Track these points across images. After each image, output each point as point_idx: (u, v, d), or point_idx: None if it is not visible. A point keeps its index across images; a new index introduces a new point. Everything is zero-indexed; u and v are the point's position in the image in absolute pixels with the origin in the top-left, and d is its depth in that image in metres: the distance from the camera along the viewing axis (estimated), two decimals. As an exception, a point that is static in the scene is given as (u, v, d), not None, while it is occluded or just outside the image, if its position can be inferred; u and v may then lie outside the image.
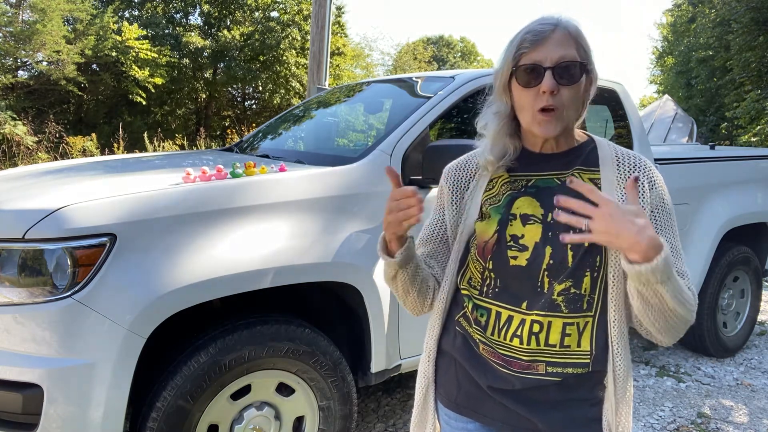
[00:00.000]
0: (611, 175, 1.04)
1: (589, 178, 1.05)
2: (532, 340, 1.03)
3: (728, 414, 2.84)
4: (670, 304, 0.92)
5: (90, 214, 1.60)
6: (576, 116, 1.06)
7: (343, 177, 2.08)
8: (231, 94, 19.00)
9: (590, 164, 1.07)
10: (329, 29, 6.52)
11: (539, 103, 1.01)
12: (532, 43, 1.01)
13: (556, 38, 1.01)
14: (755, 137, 12.60)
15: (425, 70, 25.83)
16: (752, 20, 11.79)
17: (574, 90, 1.01)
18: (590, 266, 1.01)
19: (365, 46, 23.10)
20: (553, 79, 0.99)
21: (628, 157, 1.07)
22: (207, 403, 1.77)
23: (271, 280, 1.80)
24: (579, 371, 1.03)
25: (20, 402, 1.55)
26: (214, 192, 1.81)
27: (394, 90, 3.11)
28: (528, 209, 1.07)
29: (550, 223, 1.04)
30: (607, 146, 1.09)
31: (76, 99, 14.45)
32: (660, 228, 1.03)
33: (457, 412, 1.16)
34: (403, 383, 2.99)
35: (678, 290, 0.92)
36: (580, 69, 1.01)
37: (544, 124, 1.02)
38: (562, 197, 0.88)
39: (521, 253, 1.04)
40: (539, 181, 1.09)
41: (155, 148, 10.01)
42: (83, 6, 12.85)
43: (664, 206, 1.05)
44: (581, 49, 1.03)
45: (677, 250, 1.03)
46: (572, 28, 1.03)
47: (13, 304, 1.57)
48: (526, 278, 1.04)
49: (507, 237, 1.07)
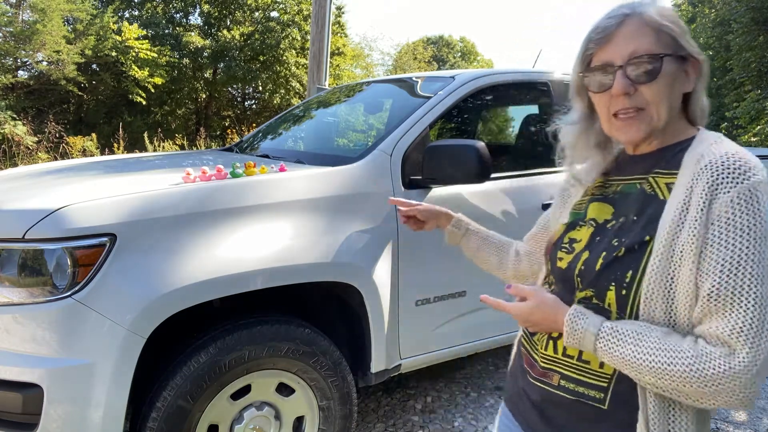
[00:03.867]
0: (685, 179, 0.85)
1: (665, 183, 0.90)
2: (550, 345, 0.98)
3: (728, 414, 2.84)
4: (626, 371, 0.84)
5: (90, 214, 1.60)
6: (671, 111, 0.91)
7: (343, 177, 2.08)
8: (231, 94, 19.00)
9: (672, 166, 0.90)
10: (329, 29, 6.52)
11: (614, 107, 0.91)
12: (598, 42, 0.91)
13: (626, 31, 0.89)
14: (755, 137, 12.61)
15: (425, 70, 25.82)
16: (752, 20, 11.79)
17: (658, 85, 0.88)
18: (617, 280, 0.87)
19: (365, 46, 23.12)
20: (625, 79, 0.88)
21: (713, 156, 0.83)
22: (207, 403, 1.77)
23: (271, 280, 1.80)
24: (595, 395, 0.91)
25: (20, 402, 1.55)
26: (214, 192, 1.81)
27: (394, 90, 3.11)
28: (595, 213, 0.99)
29: (603, 227, 0.95)
30: (701, 143, 0.89)
31: (76, 99, 14.45)
32: (714, 255, 0.79)
33: (506, 405, 1.14)
34: (403, 383, 2.99)
35: (628, 358, 0.81)
36: (661, 61, 0.87)
37: (624, 129, 0.92)
38: (484, 297, 0.99)
39: (567, 255, 0.98)
40: (625, 186, 0.97)
41: (155, 148, 10.01)
42: (83, 6, 12.86)
43: (733, 228, 0.78)
44: (663, 36, 0.89)
45: (732, 294, 0.77)
46: (650, 15, 0.89)
47: (13, 304, 1.57)
48: (565, 281, 0.98)
49: (565, 239, 1.01)
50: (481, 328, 2.45)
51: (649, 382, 0.82)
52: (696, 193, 0.82)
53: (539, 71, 2.89)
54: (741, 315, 0.76)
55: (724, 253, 0.78)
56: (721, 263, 0.78)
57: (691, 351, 0.78)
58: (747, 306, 0.76)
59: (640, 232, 0.87)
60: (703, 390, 0.77)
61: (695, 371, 0.77)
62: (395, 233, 2.09)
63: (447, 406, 2.78)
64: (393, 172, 2.15)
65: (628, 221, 0.91)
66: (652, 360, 0.80)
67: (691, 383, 0.77)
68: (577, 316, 0.88)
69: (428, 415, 2.70)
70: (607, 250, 0.90)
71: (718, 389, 0.76)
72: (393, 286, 2.11)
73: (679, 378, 0.78)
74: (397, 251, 2.10)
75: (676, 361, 0.78)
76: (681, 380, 0.78)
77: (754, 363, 0.74)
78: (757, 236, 0.77)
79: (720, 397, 0.77)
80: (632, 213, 0.91)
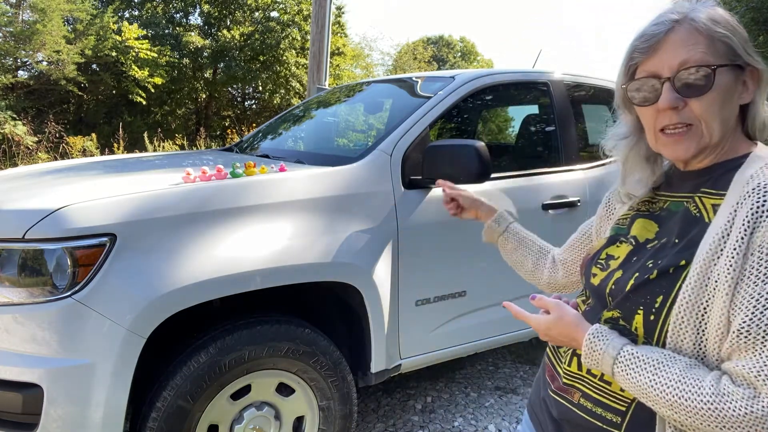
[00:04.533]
0: (731, 202, 0.79)
1: (712, 204, 0.83)
2: (574, 361, 0.95)
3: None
4: (642, 399, 0.80)
5: (90, 214, 1.60)
6: (725, 126, 0.84)
7: (343, 177, 2.08)
8: (231, 94, 18.99)
9: (721, 186, 0.84)
10: (329, 29, 6.52)
11: (661, 122, 0.85)
12: (644, 51, 0.84)
13: (675, 39, 0.82)
14: (755, 137, 12.61)
15: (425, 70, 25.83)
16: (752, 20, 11.78)
17: (710, 99, 0.81)
18: (646, 304, 0.83)
19: (365, 46, 23.10)
20: (673, 93, 0.82)
21: (762, 179, 0.77)
22: (207, 403, 1.77)
23: (271, 280, 1.80)
24: (612, 418, 0.87)
25: (20, 402, 1.55)
26: (215, 192, 1.81)
27: (394, 90, 3.12)
28: (638, 231, 0.94)
29: (643, 246, 0.90)
30: (754, 163, 0.82)
31: (76, 99, 14.44)
32: (750, 288, 0.73)
33: (527, 411, 1.12)
34: (403, 383, 2.99)
35: (644, 386, 0.78)
36: (714, 72, 0.80)
37: (671, 146, 0.85)
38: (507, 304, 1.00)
39: (601, 272, 0.94)
40: (672, 204, 0.91)
41: (155, 148, 10.01)
42: (83, 6, 12.85)
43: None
44: (718, 44, 0.81)
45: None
46: (702, 20, 0.81)
47: (13, 304, 1.57)
48: (599, 298, 0.94)
49: (603, 255, 0.97)
50: (481, 328, 2.45)
51: (665, 414, 0.78)
52: (739, 218, 0.76)
53: (539, 71, 2.89)
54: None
55: (761, 288, 0.72)
56: (756, 298, 0.72)
57: (713, 388, 0.73)
58: None
59: (676, 255, 0.82)
60: (720, 429, 0.72)
61: (714, 410, 0.72)
62: (395, 233, 2.09)
63: (447, 406, 2.78)
64: (393, 172, 2.15)
65: (669, 243, 0.86)
66: (669, 392, 0.76)
67: (709, 422, 0.73)
68: (597, 336, 0.84)
69: (428, 415, 2.70)
70: (640, 271, 0.85)
71: (735, 431, 0.71)
72: (393, 286, 2.11)
73: (696, 414, 0.74)
74: (397, 251, 2.11)
75: (695, 396, 0.74)
76: (698, 417, 0.74)
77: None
78: None
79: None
80: (674, 234, 0.86)
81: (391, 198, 2.11)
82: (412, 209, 2.15)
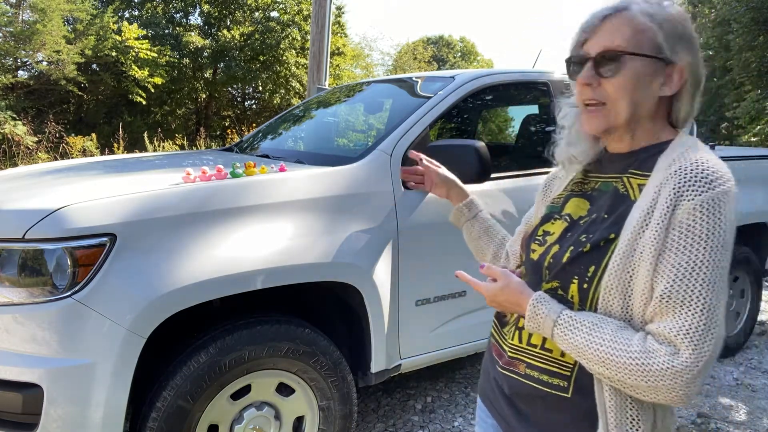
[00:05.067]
0: (655, 182, 0.88)
1: (638, 184, 0.92)
2: (516, 335, 1.03)
3: (728, 414, 2.84)
4: (578, 358, 0.89)
5: (90, 214, 1.60)
6: (635, 110, 0.92)
7: (343, 177, 2.08)
8: (231, 94, 19.00)
9: (646, 168, 0.92)
10: (329, 29, 6.52)
11: (581, 96, 0.96)
12: (587, 31, 0.95)
13: (609, 25, 0.91)
14: (755, 137, 12.61)
15: (425, 70, 25.83)
16: (752, 20, 11.79)
17: (618, 82, 0.90)
18: (580, 274, 0.91)
19: (365, 46, 23.11)
20: (591, 71, 0.92)
21: (683, 162, 0.86)
22: (207, 403, 1.77)
23: (271, 280, 1.80)
24: (559, 383, 0.94)
25: (20, 402, 1.55)
26: (214, 192, 1.81)
27: (394, 90, 3.11)
28: (572, 209, 1.02)
29: (576, 222, 0.98)
30: (676, 148, 0.91)
31: (76, 99, 14.45)
32: (671, 259, 0.82)
33: (480, 398, 1.16)
34: (403, 383, 2.99)
35: (580, 346, 0.86)
36: (623, 58, 0.89)
37: (587, 119, 0.96)
38: (459, 273, 1.07)
39: (540, 247, 1.02)
40: (602, 184, 1.00)
41: (155, 148, 10.01)
42: (83, 6, 12.85)
43: (691, 235, 0.81)
44: (641, 36, 0.89)
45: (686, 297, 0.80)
46: (634, 13, 0.90)
47: (13, 304, 1.57)
48: (535, 272, 1.01)
49: (539, 232, 1.05)
50: (481, 328, 2.45)
51: (597, 371, 0.86)
52: (662, 197, 0.84)
53: (539, 71, 2.89)
54: (689, 318, 0.80)
55: (681, 258, 0.81)
56: (676, 267, 0.81)
57: (639, 346, 0.82)
58: (695, 310, 0.80)
59: (606, 230, 0.90)
60: (646, 384, 0.81)
61: (640, 365, 0.81)
62: (395, 233, 2.09)
63: (447, 406, 2.78)
64: (393, 172, 2.15)
65: (599, 218, 0.94)
66: (602, 350, 0.84)
67: (635, 376, 0.81)
68: (540, 301, 0.92)
69: (428, 415, 2.70)
70: (574, 244, 0.93)
71: (659, 384, 0.80)
72: (393, 286, 2.11)
73: (624, 369, 0.82)
74: (397, 251, 2.11)
75: (624, 353, 0.82)
76: (626, 372, 0.82)
77: (695, 364, 0.78)
78: (713, 245, 0.80)
79: (660, 393, 0.81)
80: (604, 211, 0.94)
81: (391, 198, 2.11)
82: (412, 209, 2.15)
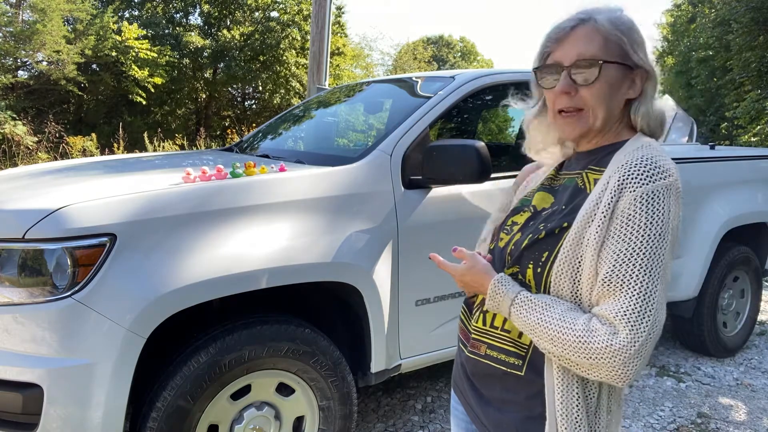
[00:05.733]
0: (607, 174, 0.95)
1: (594, 179, 0.99)
2: (480, 318, 1.07)
3: (728, 414, 2.84)
4: (531, 336, 0.94)
5: (90, 214, 1.60)
6: (610, 114, 0.98)
7: (343, 177, 2.08)
8: (231, 94, 19.00)
9: (603, 164, 0.99)
10: (329, 29, 6.52)
11: (558, 104, 1.00)
12: (553, 41, 0.99)
13: (578, 34, 0.96)
14: (755, 137, 12.60)
15: (425, 70, 25.82)
16: (752, 20, 11.78)
17: (596, 89, 0.95)
18: (534, 260, 0.98)
19: (365, 46, 23.10)
20: (568, 80, 0.96)
21: (631, 158, 0.93)
22: (207, 403, 1.77)
23: (271, 280, 1.80)
24: (514, 362, 1.00)
25: (20, 402, 1.55)
26: (214, 192, 1.81)
27: (394, 90, 3.11)
28: (537, 201, 1.08)
29: (539, 213, 1.04)
30: (630, 146, 0.97)
31: (76, 99, 14.45)
32: (612, 246, 0.88)
33: (452, 389, 1.20)
34: (403, 383, 2.99)
35: (533, 324, 0.92)
36: (600, 66, 0.94)
37: (564, 126, 1.01)
38: (433, 255, 1.09)
39: (506, 236, 1.08)
40: (567, 180, 1.06)
41: (155, 148, 10.01)
42: (83, 6, 12.85)
43: (631, 224, 0.88)
44: (611, 44, 0.95)
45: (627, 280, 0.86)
46: (602, 22, 0.95)
47: (13, 304, 1.57)
48: (500, 259, 1.07)
49: (508, 222, 1.10)
50: (481, 328, 2.45)
51: (547, 349, 0.92)
52: (609, 188, 0.91)
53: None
54: (627, 300, 0.86)
55: (621, 245, 0.88)
56: (616, 253, 0.88)
57: (584, 325, 0.88)
58: (633, 293, 0.86)
59: (561, 219, 0.97)
60: (588, 361, 0.87)
61: (583, 343, 0.87)
62: (395, 233, 2.09)
63: (447, 406, 2.78)
64: (393, 172, 2.15)
65: (558, 209, 1.01)
66: (551, 328, 0.90)
67: (578, 353, 0.87)
68: (501, 282, 0.99)
69: (428, 415, 2.70)
70: (533, 232, 1.00)
71: (599, 362, 0.86)
72: (393, 286, 2.11)
73: (569, 347, 0.88)
74: (397, 251, 2.11)
75: (570, 332, 0.88)
76: (570, 349, 0.88)
77: (632, 344, 0.84)
78: (651, 234, 0.87)
79: (601, 370, 0.86)
80: (563, 203, 1.01)
81: (391, 198, 2.11)
82: (412, 209, 2.15)
